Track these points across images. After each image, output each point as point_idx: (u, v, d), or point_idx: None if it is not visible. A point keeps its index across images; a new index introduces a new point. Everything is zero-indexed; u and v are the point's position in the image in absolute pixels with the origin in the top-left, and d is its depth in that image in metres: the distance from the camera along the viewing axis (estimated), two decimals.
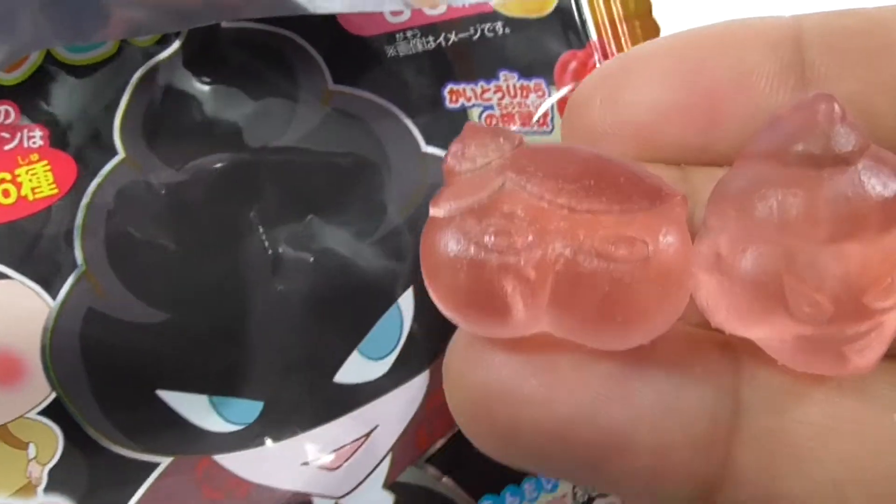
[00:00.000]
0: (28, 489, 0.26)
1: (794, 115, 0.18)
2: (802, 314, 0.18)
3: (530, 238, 0.18)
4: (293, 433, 0.27)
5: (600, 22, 0.31)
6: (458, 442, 0.29)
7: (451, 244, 0.18)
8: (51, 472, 0.26)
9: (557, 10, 0.30)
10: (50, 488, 0.26)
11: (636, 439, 0.19)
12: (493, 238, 0.18)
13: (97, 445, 0.26)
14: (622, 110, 0.22)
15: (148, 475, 0.27)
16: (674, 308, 0.19)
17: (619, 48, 0.31)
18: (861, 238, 0.17)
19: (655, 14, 0.31)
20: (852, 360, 0.18)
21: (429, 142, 0.28)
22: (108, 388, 0.26)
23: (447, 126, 0.29)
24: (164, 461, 0.27)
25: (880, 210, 0.17)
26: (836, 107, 0.18)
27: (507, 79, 0.29)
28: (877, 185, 0.18)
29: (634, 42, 0.31)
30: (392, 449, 0.28)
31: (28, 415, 0.26)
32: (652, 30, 0.31)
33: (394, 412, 0.28)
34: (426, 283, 0.19)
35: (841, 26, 0.22)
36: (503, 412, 0.19)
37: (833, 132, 0.18)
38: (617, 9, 0.31)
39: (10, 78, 0.26)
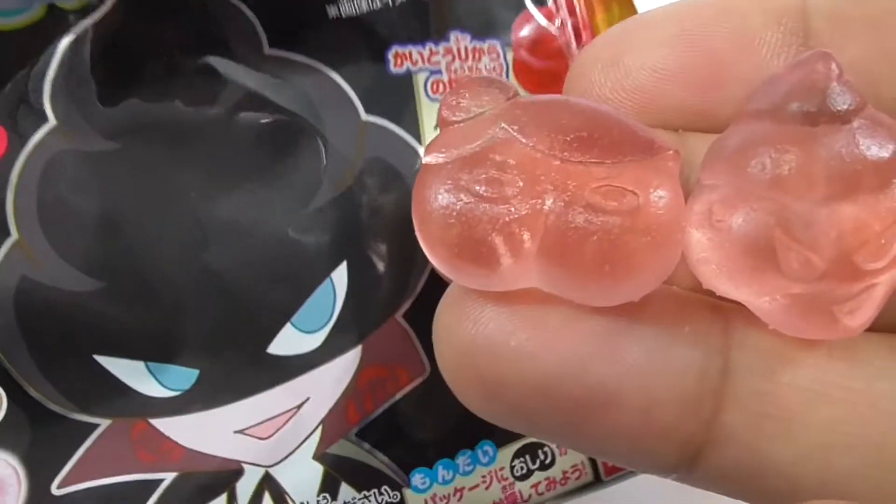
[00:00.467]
0: None
1: (792, 74, 0.18)
2: (793, 271, 0.17)
3: (521, 187, 0.18)
4: (227, 401, 0.27)
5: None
6: (390, 417, 0.29)
7: (441, 192, 0.18)
8: None
9: None
10: None
11: (623, 396, 0.19)
12: (483, 187, 0.18)
13: (38, 404, 0.27)
14: (623, 74, 0.21)
15: (88, 435, 0.27)
16: (664, 263, 0.18)
17: (588, 3, 0.28)
18: (854, 197, 0.17)
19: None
20: (842, 321, 0.18)
21: (369, 110, 0.27)
22: (46, 353, 0.26)
23: (390, 93, 0.27)
24: (104, 423, 0.27)
25: (874, 170, 0.17)
26: (834, 65, 0.17)
27: (459, 40, 0.27)
28: (872, 144, 0.17)
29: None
30: (323, 421, 0.27)
31: None
32: None
33: (325, 385, 0.27)
34: (416, 230, 0.19)
35: None
36: (489, 367, 0.19)
37: (829, 90, 0.17)
38: None
39: None
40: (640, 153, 0.18)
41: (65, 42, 0.26)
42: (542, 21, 0.28)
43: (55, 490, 0.27)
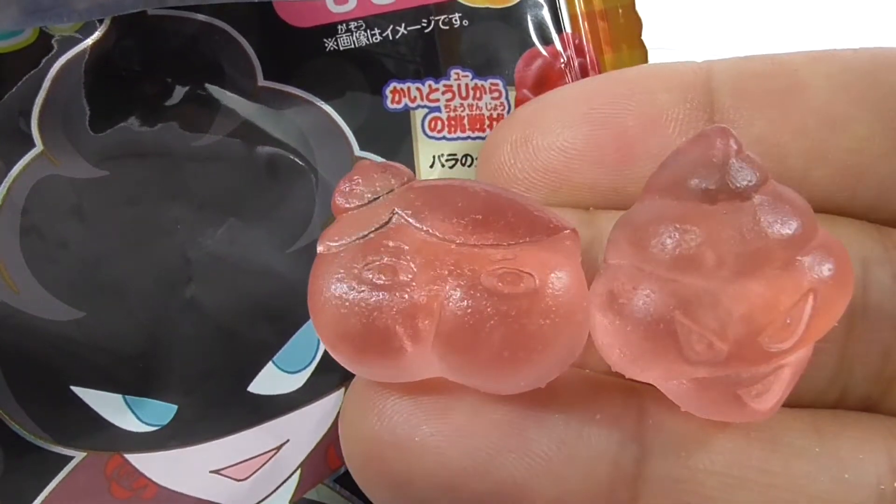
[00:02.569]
0: None
1: (692, 149, 0.17)
2: (695, 355, 0.16)
3: (416, 273, 0.17)
4: (205, 439, 0.25)
5: (578, 13, 0.26)
6: None
7: (335, 282, 0.17)
8: None
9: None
10: None
11: (534, 490, 0.18)
12: (377, 274, 0.17)
13: (13, 434, 0.25)
14: (532, 155, 0.21)
15: (62, 467, 0.25)
16: (567, 347, 0.17)
17: (597, 43, 0.26)
18: (758, 276, 0.16)
19: (638, 7, 0.26)
20: (750, 405, 0.17)
21: (363, 147, 0.25)
22: (22, 381, 0.24)
23: (386, 129, 0.25)
24: (78, 455, 0.25)
25: (777, 247, 0.16)
26: (732, 140, 0.17)
27: (460, 77, 0.26)
28: (774, 221, 0.16)
29: (614, 37, 0.26)
30: (301, 465, 0.25)
31: None
32: (634, 24, 0.26)
33: (306, 428, 0.25)
34: (313, 322, 0.18)
35: (750, 70, 0.20)
36: (395, 463, 0.18)
37: (728, 166, 0.16)
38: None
39: None
40: (536, 234, 0.17)
41: (56, 67, 0.24)
42: (546, 57, 0.26)
43: None
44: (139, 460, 0.25)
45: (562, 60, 0.26)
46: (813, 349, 0.17)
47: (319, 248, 0.18)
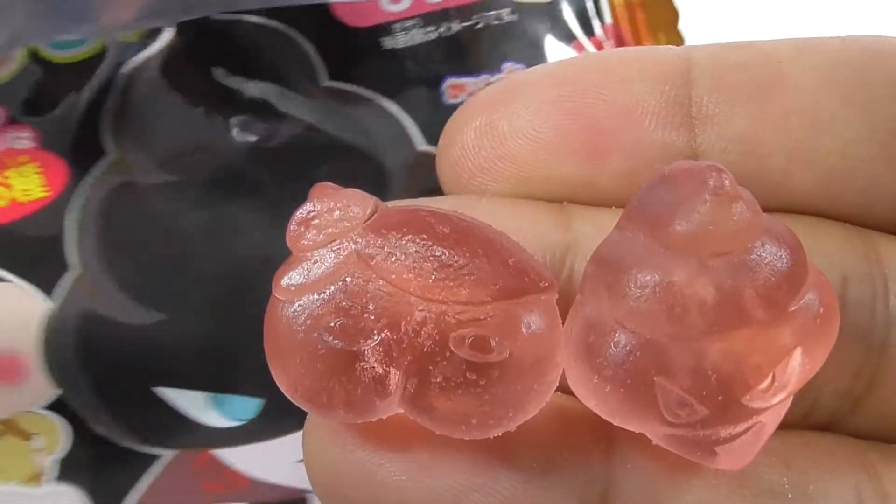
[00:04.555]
0: (36, 479, 0.24)
1: (681, 183, 0.15)
2: (674, 417, 0.15)
3: (380, 326, 0.15)
4: (291, 430, 0.25)
5: (617, 3, 0.27)
6: None
7: (294, 330, 0.15)
8: (60, 462, 0.24)
9: None
10: (60, 478, 0.24)
11: None
12: (339, 324, 0.15)
13: (101, 438, 0.24)
14: (498, 142, 0.19)
15: (151, 468, 0.25)
16: (536, 402, 0.15)
17: (636, 34, 0.27)
18: (742, 333, 0.14)
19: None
20: (725, 459, 0.16)
21: (428, 141, 0.25)
22: (107, 385, 0.24)
23: (446, 123, 0.26)
24: (167, 454, 0.25)
25: (765, 301, 0.14)
26: (727, 183, 0.14)
27: (512, 71, 0.26)
28: (763, 273, 0.14)
29: (652, 27, 0.27)
30: None
31: (33, 409, 0.24)
32: (671, 14, 0.27)
33: None
34: (270, 368, 0.16)
35: (730, 60, 0.19)
36: (359, 497, 0.17)
37: (721, 214, 0.14)
38: None
39: None
40: (510, 288, 0.15)
41: (123, 74, 0.24)
42: (591, 50, 0.27)
43: None
44: (228, 455, 0.25)
45: (605, 49, 0.26)
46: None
47: (275, 290, 0.15)
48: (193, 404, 0.25)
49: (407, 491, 0.17)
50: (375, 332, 0.15)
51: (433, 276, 0.15)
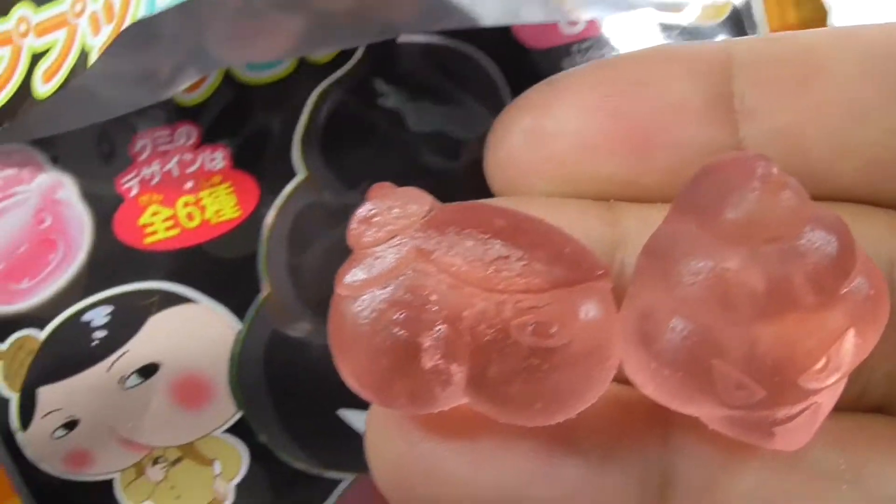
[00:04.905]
0: None
1: (730, 173, 0.15)
2: (732, 399, 0.15)
3: (442, 318, 0.15)
4: None
5: (774, 28, 0.27)
6: None
7: (358, 324, 0.15)
8: (236, 488, 0.24)
9: (730, 16, 0.27)
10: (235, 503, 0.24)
11: None
12: (402, 317, 0.15)
13: (281, 462, 0.24)
14: (545, 143, 0.19)
15: (331, 492, 0.24)
16: (597, 388, 0.16)
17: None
18: (795, 317, 0.15)
19: (831, 21, 0.27)
20: (781, 440, 0.16)
21: None
22: (290, 408, 0.24)
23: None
24: (347, 478, 0.24)
25: (816, 286, 0.15)
26: (775, 170, 0.15)
27: None
28: (813, 258, 0.15)
29: None
30: None
31: (214, 433, 0.24)
32: None
33: None
34: (336, 362, 0.16)
35: (770, 53, 0.19)
36: (425, 490, 0.17)
37: (770, 201, 0.15)
38: (791, 14, 0.27)
39: (190, 98, 0.23)
40: (567, 276, 0.15)
41: (314, 95, 0.23)
42: None
43: None
44: None
45: None
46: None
47: (338, 288, 0.16)
48: None
49: (471, 483, 0.17)
50: (437, 323, 0.15)
51: (491, 268, 0.15)
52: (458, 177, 0.24)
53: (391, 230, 0.16)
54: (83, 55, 0.21)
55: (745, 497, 0.17)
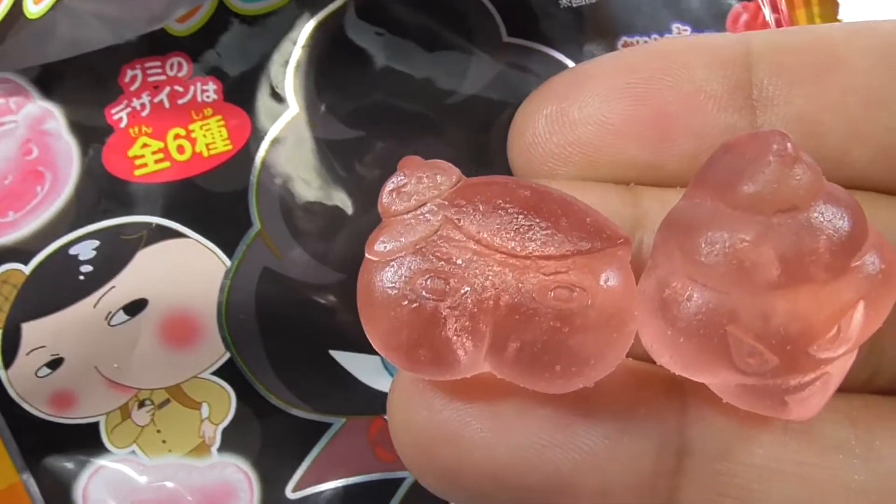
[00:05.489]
0: (202, 449, 0.23)
1: (746, 149, 0.16)
2: (746, 366, 0.15)
3: (468, 283, 0.16)
4: None
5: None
6: None
7: (387, 289, 0.16)
8: (224, 432, 0.23)
9: None
10: (224, 448, 0.23)
11: (579, 483, 0.17)
12: (429, 282, 0.16)
13: (270, 405, 0.23)
14: (569, 128, 0.20)
15: (320, 436, 0.24)
16: (616, 353, 0.16)
17: (790, 2, 0.27)
18: (808, 287, 0.15)
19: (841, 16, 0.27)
20: (794, 409, 0.16)
21: None
22: (281, 348, 0.23)
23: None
24: (337, 422, 0.24)
25: (830, 258, 0.15)
26: (790, 146, 0.15)
27: (680, 31, 0.26)
28: (826, 230, 0.15)
29: None
30: None
31: (202, 375, 0.23)
32: None
33: None
34: (364, 326, 0.17)
35: (788, 44, 0.20)
36: (446, 454, 0.18)
37: (785, 174, 0.15)
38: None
39: (182, 28, 0.22)
40: (589, 244, 0.16)
41: (309, 27, 0.23)
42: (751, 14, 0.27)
43: (290, 494, 0.23)
44: None
45: (763, 13, 0.26)
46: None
47: (368, 254, 0.17)
48: (366, 369, 0.24)
49: (492, 447, 0.17)
50: (463, 288, 0.16)
51: (516, 236, 0.16)
52: (454, 112, 0.24)
53: (420, 199, 0.17)
54: None
55: (760, 467, 0.17)
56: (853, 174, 0.19)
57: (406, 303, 0.16)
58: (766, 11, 0.26)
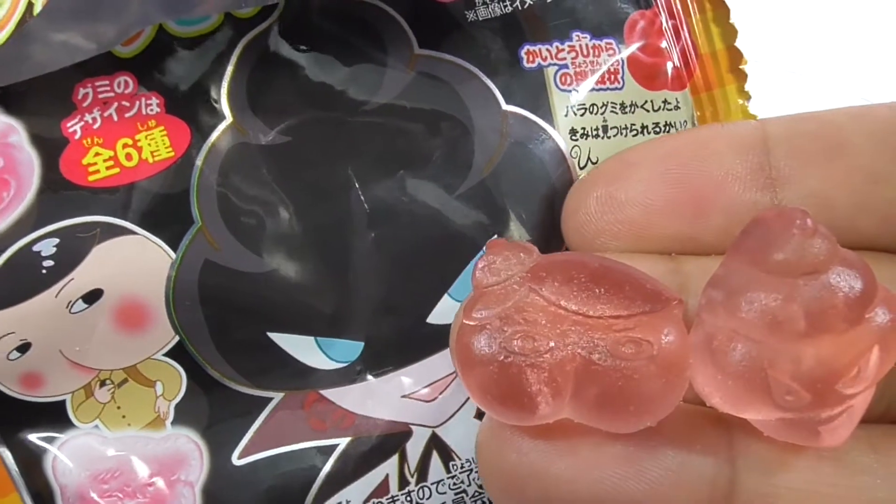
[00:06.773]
0: (157, 423, 0.26)
1: (774, 223, 0.19)
2: (784, 403, 0.19)
3: (551, 342, 0.19)
4: (392, 369, 0.27)
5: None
6: None
7: (483, 348, 0.19)
8: (176, 407, 0.26)
9: None
10: (176, 421, 0.26)
11: None
12: (519, 343, 0.19)
13: (216, 383, 0.26)
14: (617, 209, 0.23)
15: (262, 409, 0.26)
16: (675, 395, 0.20)
17: (685, 6, 0.29)
18: (832, 335, 0.18)
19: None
20: (826, 438, 0.19)
21: (508, 101, 0.27)
22: (224, 331, 0.26)
23: (525, 85, 0.27)
24: (277, 396, 0.26)
25: (847, 310, 0.18)
26: (809, 221, 0.19)
27: (580, 39, 0.28)
28: (843, 288, 0.18)
29: (700, 2, 0.29)
30: None
31: (155, 356, 0.26)
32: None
33: None
34: (462, 381, 0.20)
35: (800, 130, 0.23)
36: (535, 489, 0.21)
37: (807, 244, 0.18)
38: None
39: (128, 51, 0.25)
40: (650, 305, 0.19)
41: (239, 47, 0.26)
42: (648, 20, 0.29)
43: (236, 461, 0.26)
44: (334, 394, 0.26)
45: (660, 20, 0.29)
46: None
47: (465, 320, 0.20)
48: (301, 348, 0.26)
49: (575, 481, 0.21)
50: (548, 344, 0.19)
51: (589, 300, 0.19)
52: (370, 121, 0.26)
53: (507, 274, 0.20)
54: (30, 5, 0.23)
55: (799, 490, 0.20)
56: (861, 239, 0.22)
57: (499, 360, 0.19)
58: (663, 18, 0.29)
